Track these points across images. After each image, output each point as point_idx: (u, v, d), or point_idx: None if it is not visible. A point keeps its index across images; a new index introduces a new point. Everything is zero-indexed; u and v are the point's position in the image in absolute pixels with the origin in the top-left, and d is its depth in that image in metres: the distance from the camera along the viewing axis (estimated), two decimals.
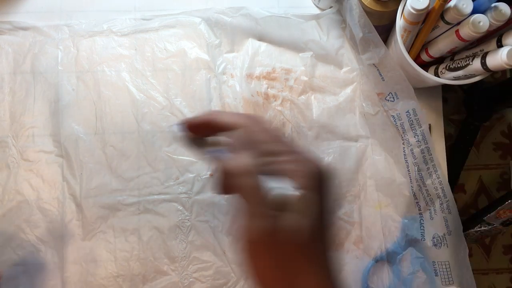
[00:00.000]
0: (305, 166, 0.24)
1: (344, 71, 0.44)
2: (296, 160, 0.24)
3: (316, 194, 0.24)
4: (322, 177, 0.25)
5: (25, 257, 0.40)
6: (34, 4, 0.44)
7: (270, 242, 0.23)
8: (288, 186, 0.24)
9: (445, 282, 0.41)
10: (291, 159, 0.24)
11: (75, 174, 0.41)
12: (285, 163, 0.24)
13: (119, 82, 0.43)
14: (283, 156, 0.24)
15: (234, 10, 0.43)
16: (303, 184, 0.23)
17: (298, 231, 0.23)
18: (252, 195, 0.23)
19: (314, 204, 0.23)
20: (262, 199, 0.23)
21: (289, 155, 0.24)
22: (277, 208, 0.23)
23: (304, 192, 0.23)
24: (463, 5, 0.33)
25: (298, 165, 0.24)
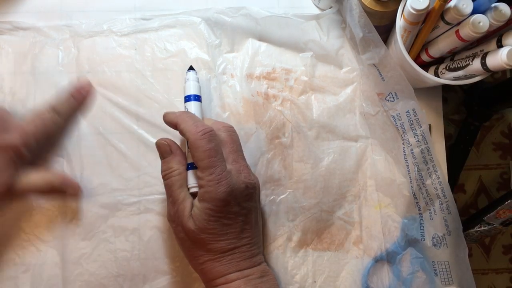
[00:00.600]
0: (211, 189, 0.33)
1: (344, 71, 0.44)
2: (210, 180, 0.33)
3: (203, 215, 0.33)
4: (219, 203, 0.33)
5: (25, 257, 0.41)
6: (34, 4, 0.44)
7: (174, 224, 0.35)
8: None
9: (445, 282, 0.41)
10: (206, 178, 0.33)
11: (75, 174, 0.41)
12: (201, 179, 0.33)
13: (119, 82, 0.43)
14: (205, 172, 0.33)
15: (234, 10, 0.43)
16: (199, 197, 0.34)
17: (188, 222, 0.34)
18: (169, 191, 0.35)
19: (204, 213, 0.33)
20: (174, 196, 0.35)
21: (208, 175, 0.33)
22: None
23: (202, 202, 0.33)
24: (463, 5, 0.33)
25: (207, 185, 0.33)
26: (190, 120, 0.35)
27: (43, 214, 0.41)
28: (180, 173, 0.35)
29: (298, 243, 0.42)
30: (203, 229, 0.33)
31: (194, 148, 0.34)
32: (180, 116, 0.36)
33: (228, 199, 0.33)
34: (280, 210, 0.42)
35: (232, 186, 0.34)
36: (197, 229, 0.33)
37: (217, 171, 0.33)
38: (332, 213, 0.42)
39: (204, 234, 0.33)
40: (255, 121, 0.43)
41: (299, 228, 0.42)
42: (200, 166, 0.34)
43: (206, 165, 0.33)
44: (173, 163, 0.36)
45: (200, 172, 0.34)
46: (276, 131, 0.43)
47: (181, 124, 0.35)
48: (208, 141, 0.34)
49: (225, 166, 0.34)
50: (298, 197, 0.42)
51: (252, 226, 0.36)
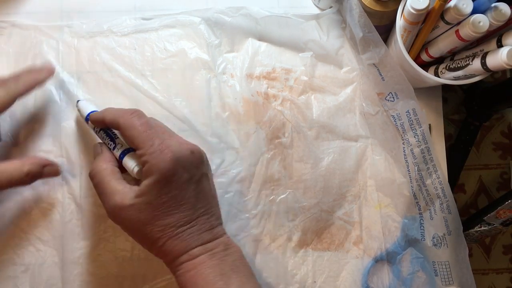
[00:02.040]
0: (155, 160, 0.31)
1: (344, 71, 0.44)
2: (152, 152, 0.32)
3: (152, 188, 0.32)
4: (167, 173, 0.32)
5: (24, 257, 0.41)
6: (34, 4, 0.44)
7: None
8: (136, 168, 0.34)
9: (445, 282, 0.41)
10: (148, 151, 0.32)
11: (75, 174, 0.41)
12: (142, 155, 0.32)
13: (119, 82, 0.43)
14: (145, 147, 0.32)
15: (234, 10, 0.43)
16: (144, 174, 0.32)
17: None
18: (100, 187, 0.34)
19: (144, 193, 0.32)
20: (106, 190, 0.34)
21: (148, 148, 0.32)
22: None
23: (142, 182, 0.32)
24: (463, 5, 0.33)
25: (151, 158, 0.32)
26: (115, 109, 0.35)
27: (43, 214, 0.41)
28: (106, 168, 0.34)
29: (298, 243, 0.42)
30: (155, 205, 0.32)
31: (127, 127, 0.33)
32: (105, 110, 0.36)
33: (176, 167, 0.32)
34: (280, 210, 0.42)
35: (177, 153, 0.32)
36: (147, 205, 0.32)
37: (157, 142, 0.32)
38: (332, 213, 0.42)
39: (157, 210, 0.32)
40: (255, 121, 0.43)
41: (299, 228, 0.42)
42: (138, 142, 0.32)
43: (144, 138, 0.32)
44: (99, 161, 0.35)
45: (140, 150, 0.32)
46: (276, 131, 0.43)
47: (108, 115, 0.35)
48: (138, 117, 0.33)
49: (164, 137, 0.33)
50: (298, 197, 0.42)
51: (206, 194, 0.35)
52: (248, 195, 0.42)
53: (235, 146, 0.43)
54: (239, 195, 0.42)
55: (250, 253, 0.41)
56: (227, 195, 0.42)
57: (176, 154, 0.32)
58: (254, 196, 0.42)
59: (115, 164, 0.36)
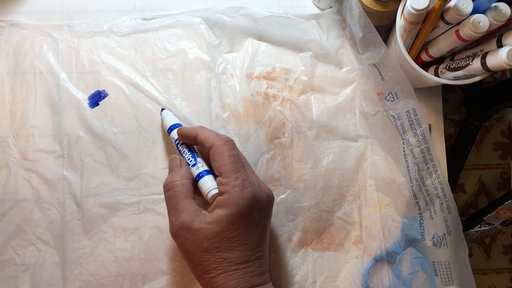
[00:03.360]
0: (236, 194, 0.32)
1: (344, 71, 0.44)
2: (235, 185, 0.32)
3: (224, 220, 0.32)
4: (243, 210, 0.32)
5: (25, 257, 0.41)
6: (34, 4, 0.44)
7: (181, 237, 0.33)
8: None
9: (445, 282, 0.41)
10: (231, 183, 0.32)
11: (75, 174, 0.42)
12: (224, 184, 0.33)
13: (119, 82, 0.43)
14: (230, 177, 0.32)
15: (234, 10, 0.43)
16: (220, 203, 0.32)
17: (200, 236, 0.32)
18: (172, 202, 0.34)
19: (218, 222, 0.32)
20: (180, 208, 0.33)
21: (233, 180, 0.32)
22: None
23: (217, 210, 0.32)
24: (463, 5, 0.33)
25: (232, 190, 0.32)
26: (209, 130, 0.36)
27: (43, 214, 0.41)
28: (183, 185, 0.34)
29: (298, 243, 0.42)
30: (222, 236, 0.32)
31: (218, 153, 0.33)
32: (199, 128, 0.36)
33: (252, 206, 0.32)
34: (280, 210, 0.42)
35: (256, 193, 0.33)
36: (214, 235, 0.32)
37: (242, 177, 0.33)
38: (332, 213, 0.42)
39: (222, 241, 0.32)
40: (255, 121, 0.43)
41: (299, 228, 0.42)
42: (224, 171, 0.33)
43: (231, 169, 0.32)
44: (177, 175, 0.35)
45: (224, 178, 0.33)
46: (276, 131, 0.43)
47: (201, 134, 0.35)
48: (232, 147, 0.34)
49: (248, 174, 0.34)
50: (298, 197, 0.42)
51: (266, 240, 0.35)
52: None
53: None
54: None
55: None
56: None
57: (256, 195, 0.33)
58: None
59: (191, 182, 0.35)
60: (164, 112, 0.41)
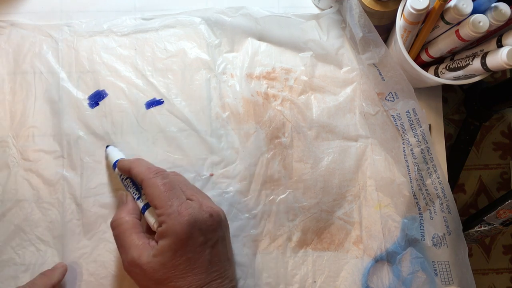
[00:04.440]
0: (172, 222, 0.32)
1: (344, 71, 0.44)
2: (170, 213, 0.32)
3: (167, 250, 0.32)
4: (183, 235, 0.32)
5: (25, 257, 0.41)
6: (34, 4, 0.44)
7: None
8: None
9: (445, 282, 0.41)
10: (166, 212, 0.32)
11: (75, 174, 0.41)
12: (160, 215, 0.32)
13: (119, 82, 0.43)
14: (164, 207, 0.32)
15: (234, 9, 0.43)
16: (161, 234, 0.32)
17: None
18: (120, 239, 0.34)
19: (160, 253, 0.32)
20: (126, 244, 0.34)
21: (167, 208, 0.32)
22: None
23: (158, 240, 0.32)
24: (463, 5, 0.33)
25: (168, 219, 0.32)
26: (142, 163, 0.36)
27: (43, 214, 0.41)
28: (127, 221, 0.34)
29: (298, 243, 0.42)
30: (169, 266, 0.32)
31: (148, 186, 0.33)
32: (133, 161, 0.37)
33: (192, 230, 0.32)
34: (280, 210, 0.42)
35: (195, 216, 0.32)
36: (162, 266, 0.31)
37: (176, 203, 0.32)
38: (332, 213, 0.42)
39: (170, 271, 0.32)
40: (255, 121, 0.43)
41: (299, 228, 0.42)
42: (157, 202, 0.33)
43: (163, 199, 0.32)
44: (122, 212, 0.35)
45: (159, 209, 0.33)
46: (276, 131, 0.43)
47: (134, 168, 0.35)
48: (162, 177, 0.34)
49: (184, 198, 0.33)
50: (298, 197, 0.42)
51: (221, 258, 0.34)
52: (248, 195, 0.42)
53: (235, 146, 0.43)
54: (239, 195, 0.42)
55: (250, 253, 0.41)
56: (227, 195, 0.42)
57: (193, 217, 0.32)
58: (254, 196, 0.42)
59: (137, 216, 0.36)
60: (108, 149, 0.41)
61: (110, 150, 0.41)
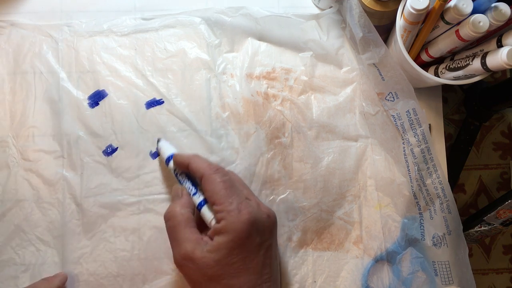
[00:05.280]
0: (232, 220, 0.31)
1: (344, 71, 0.44)
2: (230, 210, 0.32)
3: (224, 247, 0.31)
4: (242, 234, 0.31)
5: (25, 257, 0.41)
6: (34, 4, 0.44)
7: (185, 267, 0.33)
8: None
9: (445, 282, 0.41)
10: (226, 209, 0.32)
11: (75, 174, 0.41)
12: (219, 212, 0.32)
13: (119, 82, 0.43)
14: (224, 204, 0.32)
15: (234, 9, 0.43)
16: (219, 230, 0.32)
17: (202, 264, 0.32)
18: (173, 232, 0.34)
19: (218, 251, 0.31)
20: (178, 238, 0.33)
21: (227, 205, 0.32)
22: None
23: (216, 237, 0.32)
24: (463, 5, 0.33)
25: (228, 216, 0.32)
26: (201, 159, 0.36)
27: (43, 214, 0.41)
28: (183, 214, 0.34)
29: (298, 243, 0.42)
30: (224, 264, 0.31)
31: (209, 182, 0.33)
32: (192, 157, 0.36)
33: (251, 229, 0.32)
34: (280, 210, 0.42)
35: (254, 215, 0.32)
36: (216, 263, 0.31)
37: (236, 201, 0.32)
38: (332, 213, 0.42)
39: (224, 269, 0.31)
40: (255, 121, 0.43)
41: (299, 228, 0.42)
42: (217, 199, 0.32)
43: (224, 195, 0.32)
44: (177, 205, 0.35)
45: (218, 205, 0.32)
46: (276, 131, 0.43)
47: (193, 163, 0.35)
48: (222, 175, 0.34)
49: (243, 197, 0.33)
50: (298, 197, 0.42)
51: (273, 262, 0.34)
52: None
53: (235, 146, 0.43)
54: None
55: None
56: None
57: (253, 217, 0.32)
58: None
59: (191, 211, 0.35)
60: (160, 143, 0.41)
61: (162, 144, 0.40)
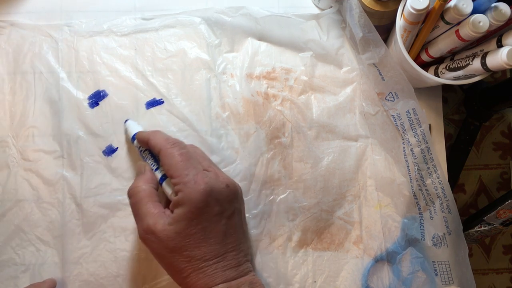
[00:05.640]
0: (188, 190, 0.32)
1: (344, 71, 0.44)
2: (186, 182, 0.32)
3: (183, 218, 0.32)
4: (199, 204, 0.32)
5: (25, 257, 0.41)
6: (34, 4, 0.44)
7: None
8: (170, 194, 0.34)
9: (445, 282, 0.41)
10: (182, 181, 0.32)
11: (75, 174, 0.41)
12: (177, 184, 0.32)
13: (119, 82, 0.43)
14: (180, 176, 0.32)
15: (234, 9, 0.43)
16: (177, 202, 0.32)
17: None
18: (136, 207, 0.34)
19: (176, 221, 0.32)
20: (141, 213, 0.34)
21: (183, 177, 0.32)
22: None
23: (174, 208, 0.32)
24: (463, 5, 0.33)
25: (185, 187, 0.32)
26: (160, 134, 0.36)
27: (43, 214, 0.41)
28: (144, 190, 0.34)
29: (298, 243, 0.42)
30: (184, 235, 0.32)
31: (166, 156, 0.34)
32: (151, 133, 0.37)
33: (208, 199, 0.32)
34: (280, 210, 0.42)
35: (211, 185, 0.32)
36: (176, 234, 0.31)
37: (192, 172, 0.32)
38: (332, 213, 0.42)
39: (185, 240, 0.32)
40: (255, 121, 0.43)
41: (299, 228, 0.42)
42: (174, 171, 0.33)
43: (180, 168, 0.32)
44: (140, 181, 0.35)
45: (175, 178, 0.33)
46: (276, 131, 0.43)
47: (152, 139, 0.36)
48: (179, 148, 0.34)
49: (200, 168, 0.34)
50: (298, 197, 0.42)
51: (237, 230, 0.34)
52: (248, 195, 0.42)
53: (235, 146, 0.43)
54: None
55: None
56: None
57: (210, 186, 0.32)
58: (254, 196, 0.42)
59: (155, 186, 0.36)
60: (127, 122, 0.41)
61: (129, 124, 0.41)
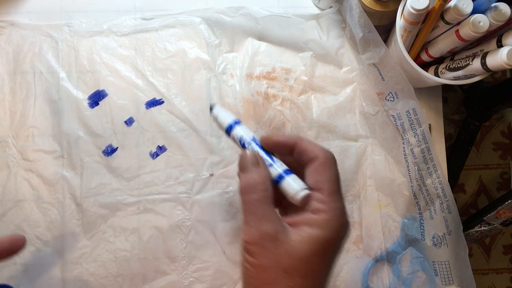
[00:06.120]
0: (333, 216, 0.27)
1: (344, 71, 0.44)
2: (335, 208, 0.28)
3: (316, 242, 0.27)
4: (338, 238, 0.27)
5: (25, 257, 0.41)
6: (34, 4, 0.44)
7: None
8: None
9: (445, 282, 0.41)
10: (332, 204, 0.28)
11: (75, 174, 0.41)
12: (324, 203, 0.28)
13: (119, 82, 0.43)
14: (332, 197, 0.28)
15: (234, 9, 0.43)
16: (313, 222, 0.27)
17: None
18: (251, 208, 0.28)
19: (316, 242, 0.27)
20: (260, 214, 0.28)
21: (335, 202, 0.28)
22: None
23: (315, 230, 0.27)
24: (463, 5, 0.33)
25: (331, 212, 0.27)
26: (309, 140, 0.30)
27: (43, 214, 0.41)
28: (267, 189, 0.29)
29: None
30: (309, 260, 0.26)
31: (326, 166, 0.29)
32: (298, 137, 0.31)
33: (344, 238, 0.28)
34: None
35: (349, 225, 0.29)
36: (300, 256, 0.26)
37: (342, 201, 0.28)
38: None
39: (306, 265, 0.26)
40: (255, 121, 0.43)
41: None
42: (327, 188, 0.28)
43: (335, 189, 0.28)
44: (258, 176, 0.29)
45: (325, 196, 0.28)
46: (276, 131, 0.43)
47: (301, 143, 0.30)
48: (336, 164, 0.29)
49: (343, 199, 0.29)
50: None
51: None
52: None
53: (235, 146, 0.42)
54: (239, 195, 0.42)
55: None
56: (227, 195, 0.42)
57: (349, 226, 0.29)
58: None
59: (271, 185, 0.30)
60: (216, 110, 0.34)
61: (218, 111, 0.33)
